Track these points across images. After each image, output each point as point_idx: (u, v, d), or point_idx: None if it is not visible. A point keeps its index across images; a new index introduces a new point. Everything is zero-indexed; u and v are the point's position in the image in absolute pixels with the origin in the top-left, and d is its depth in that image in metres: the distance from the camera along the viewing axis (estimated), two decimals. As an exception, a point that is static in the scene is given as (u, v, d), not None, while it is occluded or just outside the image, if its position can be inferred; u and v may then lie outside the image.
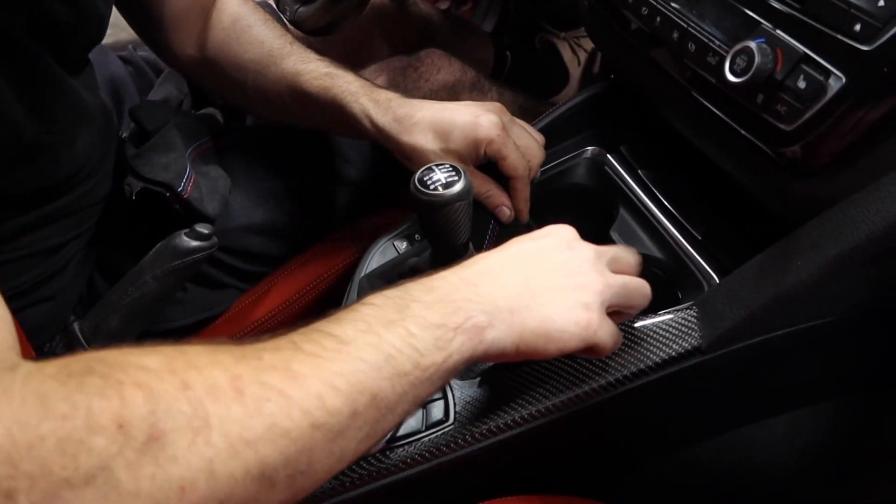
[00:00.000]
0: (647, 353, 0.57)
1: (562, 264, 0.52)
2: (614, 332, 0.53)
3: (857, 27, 0.47)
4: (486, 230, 0.77)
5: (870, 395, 0.70)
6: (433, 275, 0.49)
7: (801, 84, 0.50)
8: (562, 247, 0.54)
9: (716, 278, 0.66)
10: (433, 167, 0.60)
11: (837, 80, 0.48)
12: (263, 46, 0.82)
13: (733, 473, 0.70)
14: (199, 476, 0.33)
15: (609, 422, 0.62)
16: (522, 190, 0.74)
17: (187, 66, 0.88)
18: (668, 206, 0.73)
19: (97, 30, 0.72)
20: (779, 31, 0.52)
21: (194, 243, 0.75)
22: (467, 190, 0.59)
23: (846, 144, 0.50)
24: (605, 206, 0.79)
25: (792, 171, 0.54)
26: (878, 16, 0.46)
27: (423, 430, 0.57)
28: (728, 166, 0.66)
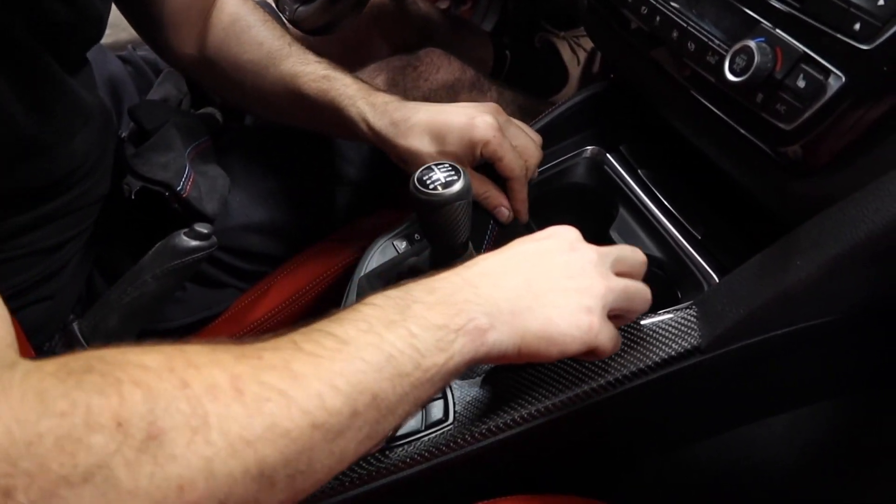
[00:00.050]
0: (646, 353, 0.57)
1: (564, 266, 0.52)
2: (614, 336, 0.53)
3: (857, 26, 0.47)
4: (485, 230, 0.77)
5: (869, 394, 0.70)
6: (435, 275, 0.49)
7: (801, 83, 0.50)
8: (564, 248, 0.53)
9: (715, 278, 0.66)
10: (432, 167, 0.60)
11: (837, 80, 0.48)
12: (262, 47, 0.82)
13: (733, 473, 0.70)
14: (197, 475, 0.33)
15: (608, 421, 0.62)
16: (519, 190, 0.74)
17: (187, 66, 0.88)
18: (667, 205, 0.73)
19: (96, 29, 0.72)
20: (778, 31, 0.52)
21: (193, 243, 0.75)
22: (467, 189, 0.59)
23: (846, 143, 0.50)
24: (605, 206, 0.79)
25: (791, 171, 0.54)
26: (877, 15, 0.46)
27: (422, 429, 0.57)
28: (728, 166, 0.66)
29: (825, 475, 0.71)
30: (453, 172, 0.59)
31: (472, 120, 0.70)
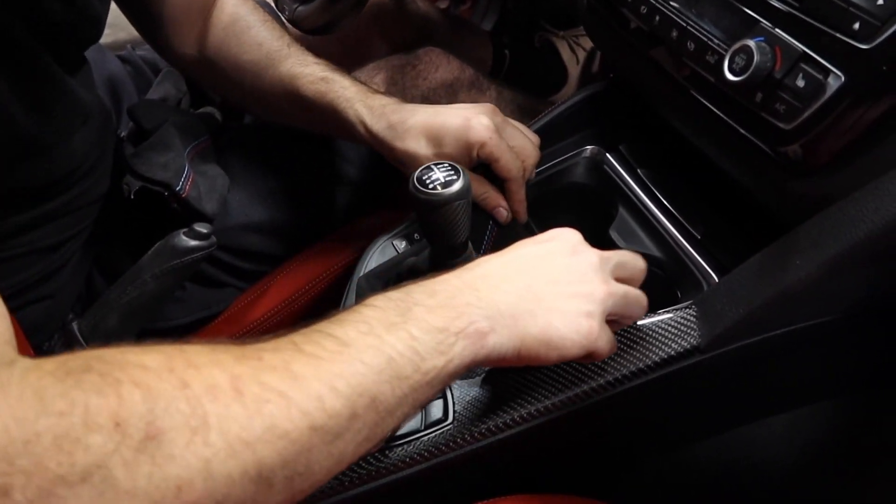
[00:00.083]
0: (646, 353, 0.57)
1: (565, 270, 0.52)
2: (611, 339, 0.53)
3: (856, 26, 0.47)
4: (484, 230, 0.77)
5: (869, 394, 0.70)
6: (435, 277, 0.49)
7: (800, 83, 0.50)
8: (566, 252, 0.53)
9: (715, 277, 0.66)
10: (432, 166, 0.60)
11: (836, 79, 0.48)
12: (262, 48, 0.82)
13: (732, 472, 0.70)
14: (196, 476, 0.33)
15: (608, 421, 0.62)
16: (517, 191, 0.74)
17: (187, 65, 0.88)
18: (667, 205, 0.73)
19: (95, 29, 0.72)
20: (778, 30, 0.52)
21: (193, 242, 0.75)
22: (466, 189, 0.58)
23: (845, 143, 0.50)
24: (605, 206, 0.79)
25: (791, 170, 0.54)
26: (877, 14, 0.46)
27: (422, 429, 0.57)
28: (727, 165, 0.66)
29: (825, 475, 0.71)
30: (453, 172, 0.59)
31: (469, 122, 0.70)
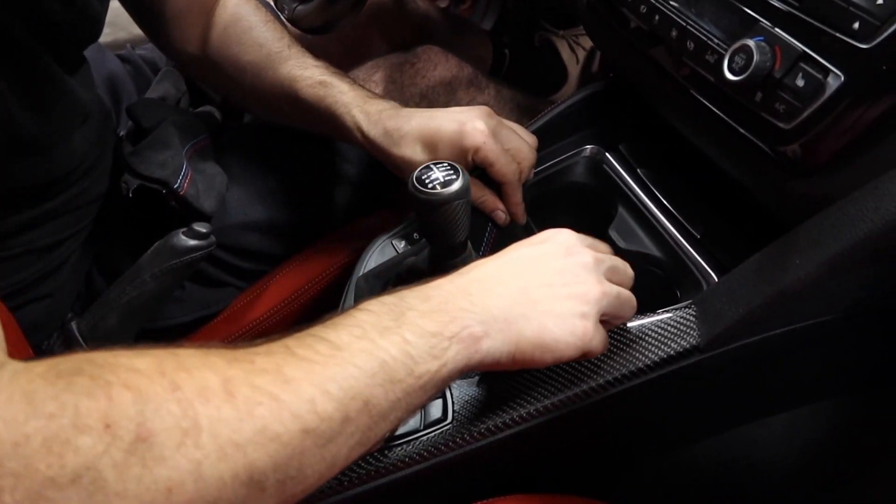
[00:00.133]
0: (645, 352, 0.57)
1: (560, 272, 0.52)
2: (605, 339, 0.53)
3: (856, 25, 0.47)
4: (484, 230, 0.77)
5: (869, 394, 0.70)
6: (429, 282, 0.49)
7: (800, 82, 0.50)
8: (560, 253, 0.53)
9: (714, 277, 0.66)
10: (431, 166, 0.60)
11: (836, 79, 0.48)
12: (262, 50, 0.82)
13: (732, 472, 0.69)
14: (186, 478, 0.33)
15: (607, 420, 0.62)
16: (513, 194, 0.74)
17: (188, 63, 0.88)
18: (666, 204, 0.73)
19: (94, 28, 0.72)
20: (777, 30, 0.52)
21: (192, 242, 0.75)
22: (465, 188, 0.59)
23: (845, 143, 0.50)
24: (604, 205, 0.79)
25: (790, 170, 0.54)
26: (876, 14, 0.46)
27: (421, 429, 0.57)
28: (727, 165, 0.66)
29: (825, 475, 0.71)
30: (452, 172, 0.59)
31: (463, 127, 0.70)
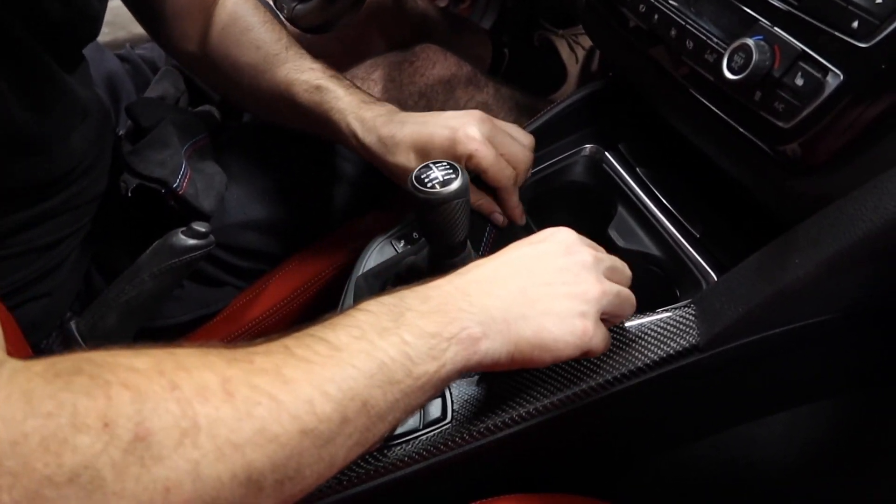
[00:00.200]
0: (645, 352, 0.57)
1: (559, 271, 0.52)
2: (606, 337, 0.53)
3: (855, 24, 0.47)
4: (484, 230, 0.77)
5: (868, 393, 0.70)
6: (428, 282, 0.49)
7: (799, 81, 0.49)
8: (560, 252, 0.53)
9: (714, 276, 0.66)
10: (430, 165, 0.60)
11: (835, 78, 0.48)
12: (259, 51, 0.82)
13: (732, 471, 0.70)
14: (184, 478, 0.33)
15: (607, 420, 0.62)
16: (508, 199, 0.74)
17: (188, 62, 0.88)
18: (666, 203, 0.73)
19: (92, 27, 0.72)
20: (777, 29, 0.52)
21: (191, 241, 0.75)
22: (465, 187, 0.58)
23: (844, 142, 0.50)
24: (604, 204, 0.79)
25: (790, 169, 0.54)
26: (875, 13, 0.46)
27: (420, 428, 0.57)
28: (726, 164, 0.66)
29: (824, 474, 0.71)
30: (451, 171, 0.59)
31: (455, 134, 0.70)
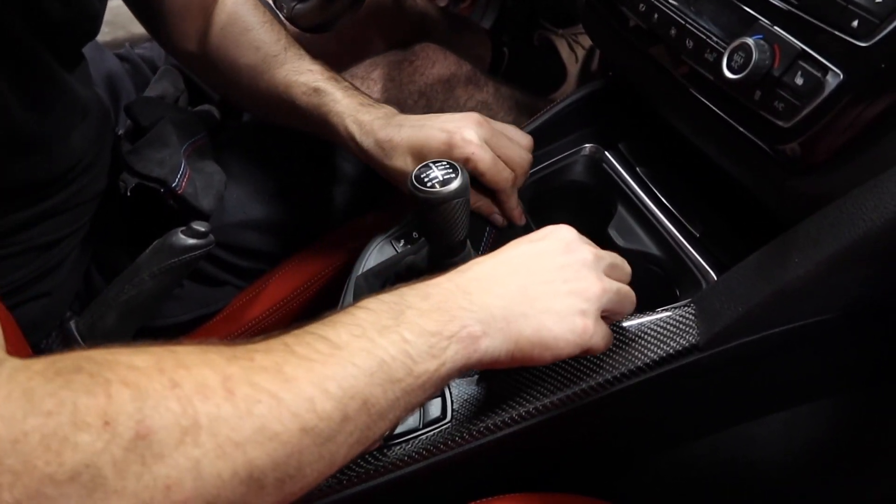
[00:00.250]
0: (644, 351, 0.57)
1: (559, 269, 0.52)
2: (607, 335, 0.53)
3: (855, 23, 0.47)
4: (483, 229, 0.77)
5: (868, 392, 0.70)
6: (429, 280, 0.49)
7: (799, 80, 0.49)
8: (560, 250, 0.53)
9: (713, 275, 0.66)
10: (430, 164, 0.60)
11: (835, 77, 0.48)
12: (258, 52, 0.82)
13: (731, 471, 0.70)
14: (185, 476, 0.33)
15: (606, 419, 0.62)
16: (507, 201, 0.74)
17: (188, 61, 0.89)
18: (666, 203, 0.73)
19: (92, 25, 0.72)
20: (776, 28, 0.52)
21: (191, 241, 0.75)
22: (465, 187, 0.58)
23: (844, 141, 0.50)
24: (603, 204, 0.79)
25: (790, 168, 0.54)
26: (875, 12, 0.46)
27: (420, 427, 0.57)
28: (726, 163, 0.66)
29: (824, 473, 0.71)
30: (451, 170, 0.59)
31: (452, 137, 0.70)
